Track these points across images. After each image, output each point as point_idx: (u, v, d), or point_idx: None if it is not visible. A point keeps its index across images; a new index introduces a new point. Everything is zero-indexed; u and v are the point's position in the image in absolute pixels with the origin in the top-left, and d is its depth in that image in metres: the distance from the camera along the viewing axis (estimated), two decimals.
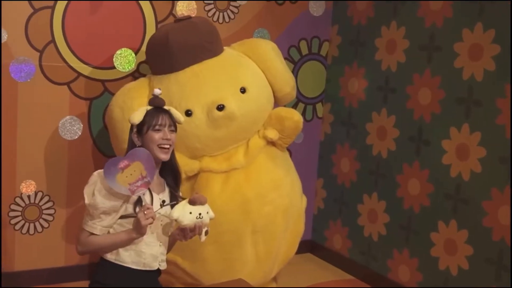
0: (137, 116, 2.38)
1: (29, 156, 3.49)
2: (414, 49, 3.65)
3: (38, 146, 3.52)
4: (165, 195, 2.46)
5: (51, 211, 3.61)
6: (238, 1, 3.93)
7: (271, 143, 3.35)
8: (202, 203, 2.29)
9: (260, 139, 3.31)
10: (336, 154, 4.29)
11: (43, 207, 3.58)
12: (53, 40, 3.47)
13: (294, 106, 4.25)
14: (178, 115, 2.46)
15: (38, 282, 3.60)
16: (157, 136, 2.37)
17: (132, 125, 2.42)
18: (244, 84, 3.23)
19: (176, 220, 2.26)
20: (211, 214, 2.33)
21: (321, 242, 4.45)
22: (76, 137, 3.57)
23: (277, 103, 3.49)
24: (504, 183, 3.07)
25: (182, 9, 3.73)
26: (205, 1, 3.82)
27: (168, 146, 2.39)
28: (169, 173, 2.51)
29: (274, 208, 3.26)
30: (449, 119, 3.39)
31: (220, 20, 3.90)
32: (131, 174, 2.27)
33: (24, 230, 3.54)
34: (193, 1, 3.77)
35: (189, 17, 3.38)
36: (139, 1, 3.64)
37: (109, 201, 2.31)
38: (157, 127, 2.38)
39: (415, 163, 3.61)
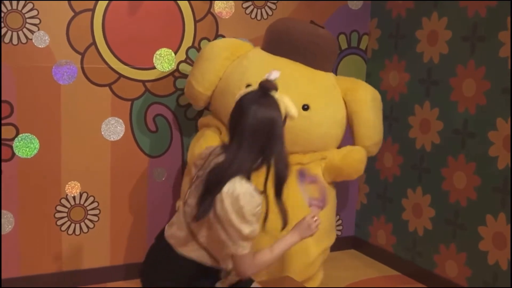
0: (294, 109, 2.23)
1: (73, 157, 3.55)
2: (457, 40, 3.61)
3: (82, 148, 3.57)
4: None
5: (96, 212, 3.66)
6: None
7: None
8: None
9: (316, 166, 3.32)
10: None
11: (88, 208, 3.64)
12: (94, 43, 3.51)
13: None
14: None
15: (85, 282, 3.66)
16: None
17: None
18: (309, 103, 3.23)
19: None
20: None
21: (364, 238, 4.45)
22: (119, 137, 3.61)
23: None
24: None
25: (221, 7, 3.75)
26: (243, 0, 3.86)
27: None
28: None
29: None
30: (495, 110, 3.34)
31: (258, 17, 3.91)
32: (313, 191, 2.51)
33: (70, 231, 3.60)
34: (232, 1, 3.79)
35: (322, 27, 3.50)
36: (178, 1, 3.67)
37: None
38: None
39: (461, 156, 3.57)
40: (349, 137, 3.57)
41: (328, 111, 3.32)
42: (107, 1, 3.49)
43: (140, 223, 3.80)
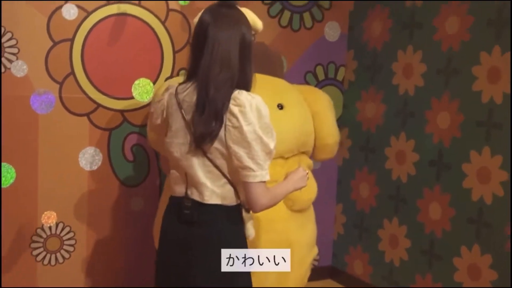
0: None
1: (50, 187, 3.58)
2: (432, 73, 3.73)
3: (59, 177, 3.60)
4: None
5: (72, 242, 3.68)
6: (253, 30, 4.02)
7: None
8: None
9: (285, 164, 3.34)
10: (355, 179, 4.36)
11: (64, 238, 3.66)
12: (72, 72, 3.57)
13: None
14: None
15: None
16: None
17: None
18: (283, 102, 3.28)
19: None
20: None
21: (341, 268, 4.51)
22: (96, 167, 3.66)
23: (315, 152, 3.52)
24: None
25: None
26: None
27: None
28: None
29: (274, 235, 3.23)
30: (469, 143, 3.45)
31: None
32: None
33: (46, 261, 3.62)
34: None
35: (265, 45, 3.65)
36: (157, 32, 3.76)
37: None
38: None
39: (436, 187, 3.67)
40: None
41: (301, 108, 3.37)
42: (86, 31, 3.57)
43: (117, 253, 3.83)
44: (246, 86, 2.12)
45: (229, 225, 2.15)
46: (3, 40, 3.37)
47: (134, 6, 3.69)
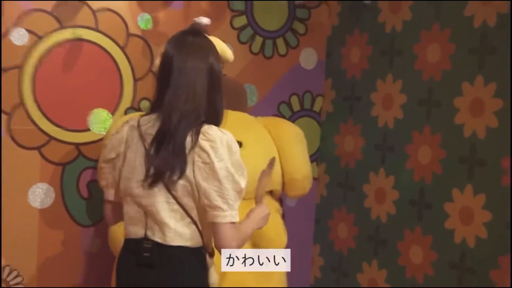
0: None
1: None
2: (413, 104, 3.64)
3: (6, 216, 3.47)
4: None
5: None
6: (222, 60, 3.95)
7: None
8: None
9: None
10: (333, 219, 4.25)
11: (11, 283, 3.53)
12: (22, 102, 3.47)
13: None
14: None
15: None
16: None
17: None
18: (242, 140, 3.20)
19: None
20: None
21: None
22: (48, 205, 3.53)
23: (285, 189, 3.46)
24: None
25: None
26: None
27: None
28: None
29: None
30: (451, 181, 3.34)
31: None
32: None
33: None
34: None
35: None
36: (116, 59, 3.67)
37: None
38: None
39: (417, 228, 3.56)
40: None
41: (260, 146, 3.31)
42: (37, 58, 3.47)
43: None
44: (216, 120, 2.12)
45: (193, 270, 2.11)
46: None
47: (91, 30, 3.61)
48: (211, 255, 2.19)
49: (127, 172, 2.14)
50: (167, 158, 1.99)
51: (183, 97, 2.03)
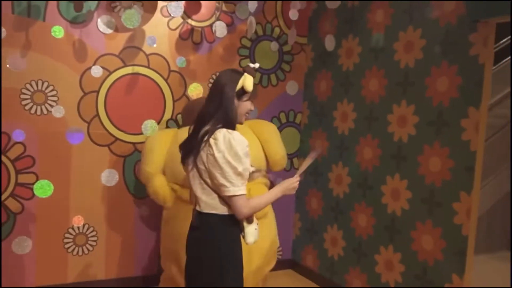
0: (250, 85, 2.05)
1: (79, 198, 3.50)
2: (360, 118, 3.62)
3: (86, 191, 3.52)
4: None
5: (95, 238, 3.58)
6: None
7: None
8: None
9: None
10: (308, 196, 4.23)
11: (89, 236, 3.57)
12: (97, 114, 3.51)
13: None
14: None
15: None
16: (247, 105, 2.08)
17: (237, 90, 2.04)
18: None
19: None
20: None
21: (298, 260, 4.35)
22: (114, 184, 3.48)
23: (270, 166, 3.43)
24: None
25: (192, 90, 3.77)
26: (209, 85, 3.88)
27: (248, 115, 2.12)
28: None
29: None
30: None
31: None
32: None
33: (75, 252, 3.52)
34: (200, 85, 3.81)
35: None
36: (161, 86, 3.69)
37: (247, 160, 1.98)
38: (250, 98, 2.09)
39: (363, 202, 3.54)
40: None
41: (251, 141, 3.22)
42: (108, 85, 3.51)
43: (129, 247, 3.71)
44: (229, 125, 2.00)
45: (220, 230, 2.00)
46: (47, 91, 3.32)
47: (144, 67, 3.63)
48: (249, 221, 2.05)
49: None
50: (185, 151, 2.05)
51: (203, 111, 2.03)
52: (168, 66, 3.71)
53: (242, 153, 1.93)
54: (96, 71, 3.44)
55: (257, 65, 2.13)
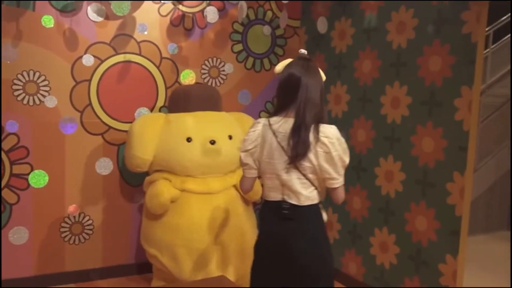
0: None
1: (74, 187, 3.50)
2: (353, 100, 3.60)
3: (81, 180, 3.52)
4: None
5: (91, 227, 3.59)
6: (226, 70, 3.94)
7: None
8: None
9: (234, 177, 3.26)
10: None
11: (85, 224, 3.57)
12: (90, 103, 3.50)
13: None
14: None
15: (82, 279, 3.58)
16: None
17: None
18: (231, 134, 3.22)
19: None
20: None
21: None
22: (109, 172, 3.53)
23: None
24: None
25: (185, 77, 3.76)
26: (201, 71, 3.85)
27: None
28: None
29: (234, 230, 3.16)
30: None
31: (214, 85, 3.91)
32: None
33: (71, 241, 3.53)
34: (192, 71, 3.79)
35: (206, 84, 3.66)
36: (153, 73, 3.67)
37: None
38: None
39: (357, 185, 3.54)
40: None
41: (241, 135, 3.22)
42: (100, 74, 3.49)
43: (124, 235, 3.72)
44: (324, 120, 2.06)
45: (316, 219, 2.09)
46: (39, 81, 3.31)
47: (136, 55, 3.61)
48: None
49: (266, 157, 2.08)
50: (296, 150, 1.99)
51: (307, 106, 2.01)
52: (160, 53, 3.69)
53: (346, 146, 2.04)
54: (88, 60, 3.43)
55: (305, 51, 2.20)
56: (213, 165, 3.18)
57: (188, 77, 3.76)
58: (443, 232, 2.90)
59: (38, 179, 3.34)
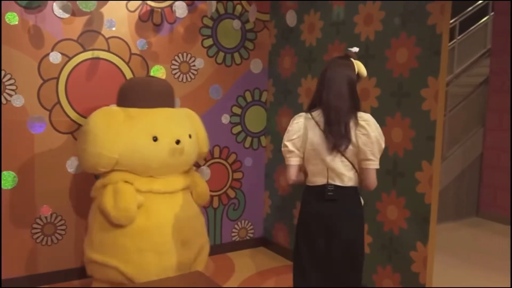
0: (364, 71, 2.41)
1: (45, 187, 3.44)
2: None
3: (52, 180, 3.47)
4: None
5: (64, 227, 3.54)
6: (197, 65, 3.93)
7: None
8: None
9: (188, 176, 3.22)
10: (276, 173, 4.25)
11: (57, 225, 3.53)
12: (58, 102, 3.45)
13: (244, 140, 4.25)
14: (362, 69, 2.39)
15: (57, 280, 3.53)
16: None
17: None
18: (191, 133, 3.17)
19: None
20: None
21: (270, 238, 4.39)
22: (80, 171, 3.51)
23: (197, 159, 3.36)
24: None
25: (155, 73, 3.73)
26: (172, 67, 3.84)
27: None
28: None
29: (194, 229, 3.13)
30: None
31: (184, 80, 3.90)
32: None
33: (44, 242, 3.49)
34: (162, 67, 3.77)
35: (160, 78, 3.42)
36: (122, 70, 3.64)
37: None
38: (359, 80, 2.39)
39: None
40: None
41: (196, 134, 3.23)
42: (68, 71, 3.44)
43: None
44: (359, 108, 2.30)
45: (357, 200, 2.34)
46: (4, 80, 3.24)
47: (105, 51, 3.57)
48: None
49: (311, 145, 2.29)
50: (340, 136, 2.22)
51: (342, 97, 2.25)
52: (129, 49, 3.65)
53: (381, 130, 2.28)
54: (55, 57, 3.38)
55: (357, 49, 2.43)
56: (176, 165, 3.08)
57: (158, 73, 3.74)
58: (414, 220, 2.97)
59: (7, 180, 3.29)
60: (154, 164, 2.97)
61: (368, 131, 2.21)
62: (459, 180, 5.61)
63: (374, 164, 2.25)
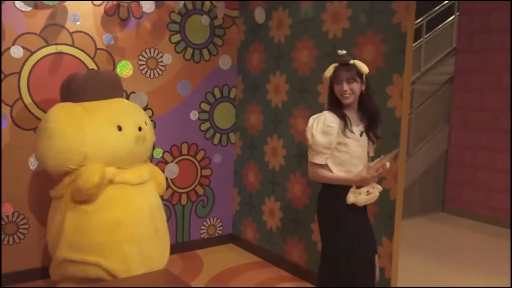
0: (328, 72, 2.46)
1: (6, 185, 3.35)
2: (293, 90, 3.65)
3: (14, 178, 3.37)
4: (362, 127, 2.48)
5: (26, 226, 3.45)
6: (164, 61, 3.89)
7: None
8: (367, 184, 2.41)
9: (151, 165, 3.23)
10: (245, 169, 4.25)
11: (19, 224, 3.43)
12: (20, 97, 3.35)
13: (212, 137, 4.23)
14: (363, 67, 2.42)
15: (20, 280, 3.45)
16: (338, 88, 2.42)
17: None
18: (145, 120, 3.13)
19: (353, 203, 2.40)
20: (379, 187, 2.50)
21: (239, 234, 4.38)
22: (41, 169, 3.40)
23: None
24: None
25: (122, 68, 3.67)
26: (139, 62, 3.78)
27: (347, 95, 2.41)
28: (367, 111, 2.49)
29: (163, 216, 3.16)
30: None
31: (152, 76, 3.85)
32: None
33: (5, 242, 3.39)
34: (129, 62, 3.71)
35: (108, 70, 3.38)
36: (87, 65, 3.56)
37: (325, 138, 2.37)
38: (338, 81, 2.41)
39: (298, 173, 3.60)
40: None
41: (148, 125, 3.17)
42: (30, 66, 3.35)
43: None
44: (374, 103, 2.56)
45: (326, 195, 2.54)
46: None
47: (69, 46, 3.48)
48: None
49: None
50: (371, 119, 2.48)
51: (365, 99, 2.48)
52: (95, 44, 3.58)
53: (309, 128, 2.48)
54: (16, 52, 3.29)
55: (344, 52, 2.45)
56: (141, 153, 3.06)
57: (125, 68, 3.68)
58: (380, 215, 3.01)
59: None
60: (122, 153, 2.93)
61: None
62: (425, 176, 5.71)
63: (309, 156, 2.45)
